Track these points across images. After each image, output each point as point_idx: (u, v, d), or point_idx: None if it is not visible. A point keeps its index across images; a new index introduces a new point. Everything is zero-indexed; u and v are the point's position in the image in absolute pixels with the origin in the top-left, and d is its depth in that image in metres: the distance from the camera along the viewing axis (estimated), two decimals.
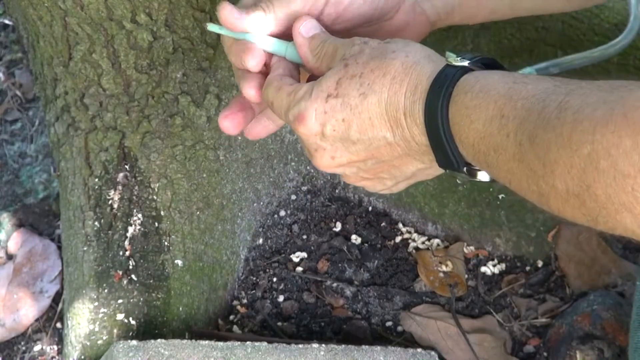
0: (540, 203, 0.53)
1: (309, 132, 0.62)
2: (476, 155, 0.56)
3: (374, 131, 0.60)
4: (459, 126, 0.56)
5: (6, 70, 1.51)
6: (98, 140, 1.10)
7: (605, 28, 1.07)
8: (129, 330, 1.03)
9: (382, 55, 0.61)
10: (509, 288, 1.15)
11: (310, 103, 0.62)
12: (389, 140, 0.60)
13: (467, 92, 0.56)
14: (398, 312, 1.12)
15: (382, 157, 0.62)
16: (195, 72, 1.09)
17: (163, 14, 1.03)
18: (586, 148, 0.46)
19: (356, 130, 0.60)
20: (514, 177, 0.53)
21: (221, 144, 1.12)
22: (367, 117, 0.60)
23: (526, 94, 0.53)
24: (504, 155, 0.53)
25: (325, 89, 0.61)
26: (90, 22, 1.02)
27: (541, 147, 0.50)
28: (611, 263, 1.13)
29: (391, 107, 0.59)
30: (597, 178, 0.46)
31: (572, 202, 0.49)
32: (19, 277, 1.23)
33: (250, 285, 1.16)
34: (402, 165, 0.63)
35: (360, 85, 0.60)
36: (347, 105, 0.60)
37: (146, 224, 1.07)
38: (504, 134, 0.53)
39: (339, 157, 0.63)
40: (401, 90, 0.59)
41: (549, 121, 0.49)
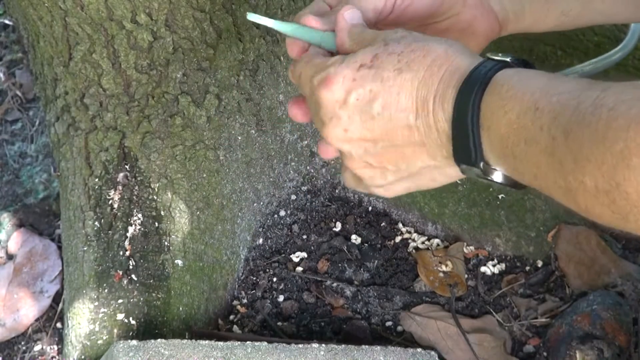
0: (566, 200, 0.53)
1: (332, 97, 0.61)
2: (504, 146, 0.56)
3: (398, 109, 0.60)
4: (492, 116, 0.56)
5: (6, 70, 1.51)
6: (98, 140, 1.10)
7: (605, 28, 1.07)
8: (129, 330, 1.03)
9: (425, 40, 0.61)
10: (508, 288, 1.15)
11: (341, 69, 0.62)
12: (410, 122, 0.60)
13: (504, 84, 0.56)
14: (398, 312, 1.13)
15: (395, 140, 0.61)
16: (195, 72, 1.09)
17: (163, 14, 1.03)
18: (619, 145, 0.47)
19: (380, 104, 0.60)
20: (540, 171, 0.53)
21: (221, 144, 1.12)
22: (395, 92, 0.59)
23: (562, 90, 0.53)
24: (534, 147, 0.53)
25: (359, 59, 0.61)
26: (90, 22, 1.02)
27: (575, 142, 0.50)
28: (611, 263, 1.13)
29: (424, 88, 0.59)
30: (628, 175, 0.46)
31: (601, 200, 0.49)
32: (19, 277, 1.23)
33: (250, 285, 1.16)
34: (412, 156, 0.62)
35: (398, 62, 0.60)
36: (379, 76, 0.60)
37: (146, 224, 1.07)
38: (537, 126, 0.53)
39: (351, 131, 0.62)
40: (438, 73, 0.59)
41: (584, 117, 0.50)
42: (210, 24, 1.07)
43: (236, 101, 1.13)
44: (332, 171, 1.23)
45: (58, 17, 1.03)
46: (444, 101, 0.58)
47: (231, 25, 1.09)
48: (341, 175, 0.69)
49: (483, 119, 0.56)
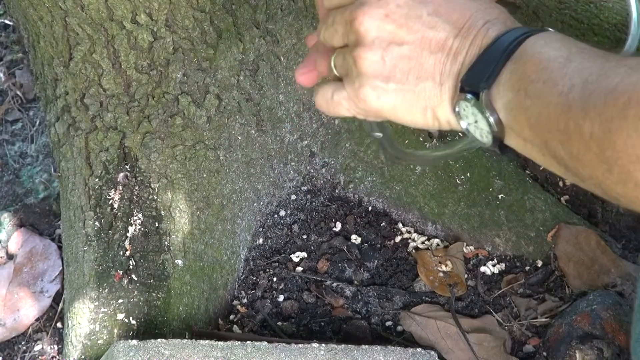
0: (559, 144, 0.54)
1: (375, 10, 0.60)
2: (521, 78, 0.56)
3: (448, 16, 0.60)
4: (526, 50, 0.57)
5: (7, 70, 1.51)
6: (98, 140, 1.10)
7: (605, 28, 1.07)
8: (129, 330, 1.03)
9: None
10: (508, 288, 1.15)
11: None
12: (453, 31, 0.60)
13: (544, 46, 0.57)
14: (398, 311, 1.13)
15: (423, 50, 0.60)
16: (195, 72, 1.09)
17: (163, 14, 1.03)
18: (624, 97, 0.49)
19: (432, 8, 0.60)
20: (545, 110, 0.54)
21: (221, 144, 1.12)
22: (452, 4, 0.60)
23: (594, 53, 0.56)
24: (550, 88, 0.54)
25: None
26: (90, 23, 1.02)
27: (589, 90, 0.52)
28: (610, 263, 1.13)
29: (478, 13, 0.60)
30: (621, 125, 0.49)
31: (593, 147, 0.51)
32: (19, 277, 1.23)
33: (250, 285, 1.16)
34: (423, 75, 0.61)
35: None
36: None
37: (146, 224, 1.07)
38: (562, 73, 0.55)
39: (391, 19, 0.60)
40: (491, 8, 0.60)
41: (607, 71, 0.52)
42: (210, 24, 1.07)
43: (236, 101, 1.13)
44: (332, 171, 1.23)
45: (58, 17, 1.03)
46: (488, 32, 0.59)
47: (231, 25, 1.09)
48: (334, 59, 0.65)
49: (519, 52, 0.57)
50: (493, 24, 0.59)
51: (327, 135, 1.21)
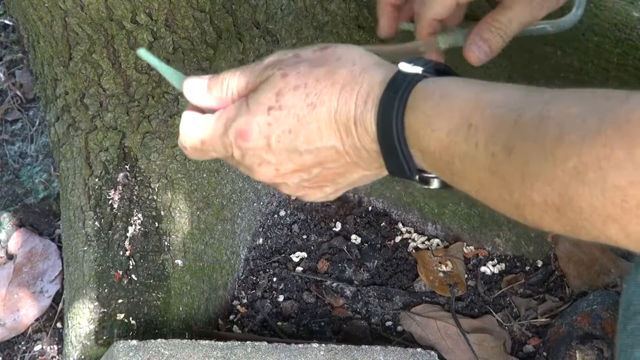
0: (512, 214, 0.51)
1: (255, 145, 0.60)
2: (437, 163, 0.54)
3: (323, 141, 0.58)
4: (419, 135, 0.54)
5: (6, 70, 1.51)
6: (98, 140, 1.10)
7: (605, 28, 1.07)
8: (129, 330, 1.03)
9: (326, 63, 0.59)
10: (508, 288, 1.15)
11: (251, 117, 0.60)
12: (338, 149, 0.59)
13: (427, 99, 0.54)
14: (398, 312, 1.13)
15: (328, 165, 0.61)
16: (195, 72, 1.09)
17: (163, 14, 1.03)
18: (572, 161, 0.45)
19: (303, 141, 0.59)
20: (483, 187, 0.52)
21: None
22: (315, 127, 0.58)
23: (496, 102, 0.51)
24: (472, 165, 0.51)
25: (264, 101, 0.59)
26: (90, 23, 1.02)
27: (519, 159, 0.48)
28: (610, 263, 1.13)
29: (341, 116, 0.57)
30: (582, 191, 0.45)
31: (551, 214, 0.48)
32: (19, 277, 1.23)
33: (250, 285, 1.16)
34: (347, 172, 0.61)
35: (307, 96, 0.58)
36: (294, 116, 0.58)
37: (146, 224, 1.07)
38: (472, 143, 0.51)
39: (283, 169, 0.61)
40: (352, 98, 0.57)
41: (528, 132, 0.48)
42: (210, 24, 1.07)
43: None
44: None
45: (58, 17, 1.03)
46: (365, 124, 0.57)
47: (231, 25, 1.09)
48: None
49: (409, 137, 0.55)
50: (363, 113, 0.57)
51: None
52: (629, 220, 0.44)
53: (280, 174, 0.62)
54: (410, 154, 0.56)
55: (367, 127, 0.57)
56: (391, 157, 0.57)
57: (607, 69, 1.06)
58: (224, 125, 0.62)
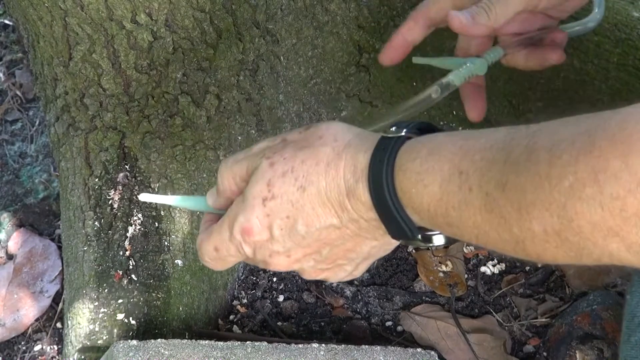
0: (514, 251, 0.51)
1: (260, 239, 0.61)
2: (433, 218, 0.55)
3: (320, 221, 0.59)
4: (411, 194, 0.55)
5: (6, 70, 1.51)
6: (98, 140, 1.10)
7: (605, 28, 1.07)
8: (129, 330, 1.03)
9: (309, 145, 0.60)
10: (508, 288, 1.15)
11: (249, 212, 0.61)
12: (337, 225, 0.59)
13: (415, 159, 0.55)
14: (398, 312, 1.13)
15: (334, 242, 0.61)
16: (195, 72, 1.09)
17: (163, 14, 1.03)
18: (568, 180, 0.46)
19: (302, 224, 0.59)
20: (481, 230, 0.52)
21: (221, 144, 1.12)
22: (310, 208, 0.59)
23: (482, 147, 0.52)
24: (467, 210, 0.52)
25: (257, 194, 0.60)
26: (90, 22, 1.02)
27: (514, 191, 0.48)
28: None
29: (332, 193, 0.58)
30: (581, 208, 0.45)
31: (552, 242, 0.48)
32: (19, 277, 1.23)
33: (250, 285, 1.16)
34: (356, 246, 0.62)
35: (296, 180, 0.59)
36: (287, 202, 0.59)
37: (146, 224, 1.07)
38: (465, 188, 0.52)
39: (294, 254, 0.62)
40: (339, 174, 0.58)
41: (519, 165, 0.48)
42: (210, 24, 1.07)
43: (236, 101, 1.13)
44: None
45: (58, 17, 1.03)
46: (358, 195, 0.57)
47: (231, 25, 1.09)
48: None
49: (403, 198, 0.55)
50: (353, 186, 0.58)
51: None
52: (629, 231, 0.44)
53: (293, 260, 0.63)
54: (407, 215, 0.56)
55: (360, 198, 0.57)
56: (390, 222, 0.57)
57: (607, 69, 1.06)
58: (229, 227, 0.63)
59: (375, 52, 1.15)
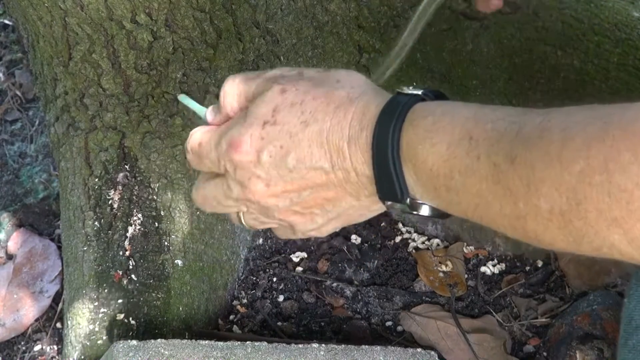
0: (512, 227, 0.51)
1: (244, 158, 0.60)
2: (434, 179, 0.54)
3: (312, 160, 0.59)
4: (417, 150, 0.54)
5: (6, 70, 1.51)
6: (98, 140, 1.10)
7: (605, 28, 1.07)
8: (129, 330, 1.03)
9: (325, 84, 0.59)
10: (508, 288, 1.15)
11: (245, 129, 0.60)
12: (327, 169, 0.59)
13: (428, 116, 0.55)
14: (398, 312, 1.12)
15: (317, 187, 0.61)
16: (195, 72, 1.09)
17: (163, 14, 1.03)
18: (579, 164, 0.46)
19: (294, 157, 0.59)
20: (482, 200, 0.51)
21: None
22: (306, 145, 0.58)
23: (495, 117, 0.52)
24: (472, 177, 0.51)
25: (260, 115, 0.60)
26: (90, 22, 1.02)
27: (523, 166, 0.48)
28: (611, 263, 1.13)
29: (334, 135, 0.58)
30: (590, 194, 0.45)
31: (555, 222, 0.48)
32: (19, 277, 1.23)
33: (250, 285, 1.16)
34: (336, 198, 0.61)
35: (302, 114, 0.58)
36: (286, 132, 0.58)
37: (146, 224, 1.07)
38: (473, 156, 0.51)
39: (273, 186, 0.61)
40: (346, 118, 0.57)
41: (530, 140, 0.48)
42: (210, 24, 1.07)
43: None
44: None
45: (58, 17, 1.03)
46: (358, 144, 0.57)
47: (231, 25, 1.09)
48: (272, 230, 0.68)
49: (405, 154, 0.55)
50: (357, 133, 0.57)
51: None
52: (633, 225, 0.44)
53: (271, 193, 0.61)
54: (404, 174, 0.56)
55: (361, 147, 0.57)
56: (383, 177, 0.56)
57: (607, 69, 1.06)
58: (220, 134, 0.63)
59: (375, 52, 1.15)
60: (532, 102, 1.09)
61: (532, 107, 0.52)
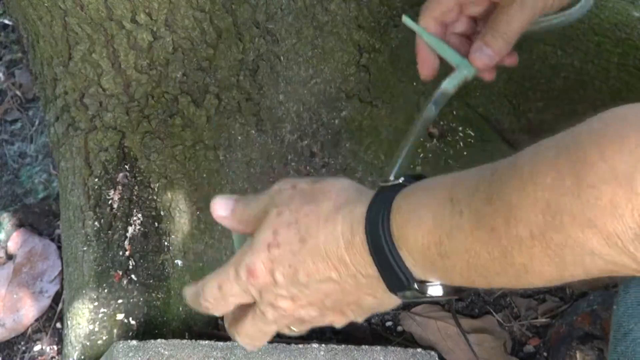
0: (502, 269, 0.52)
1: (263, 281, 0.62)
2: (427, 251, 0.56)
3: (320, 274, 0.61)
4: (406, 230, 0.56)
5: (6, 70, 1.51)
6: (98, 140, 1.10)
7: (605, 28, 1.07)
8: (129, 330, 1.03)
9: (313, 199, 0.62)
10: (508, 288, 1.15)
11: (255, 255, 0.63)
12: (335, 279, 0.61)
13: (410, 197, 0.57)
14: (398, 312, 1.12)
15: (335, 295, 0.63)
16: (195, 72, 1.09)
17: (163, 14, 1.03)
18: (549, 175, 0.47)
19: (303, 274, 0.61)
20: (471, 252, 0.53)
21: (221, 144, 1.12)
22: (310, 261, 0.61)
23: (472, 173, 0.54)
24: (459, 235, 0.53)
25: (264, 240, 0.62)
26: (90, 22, 1.02)
27: (500, 202, 0.50)
28: None
29: (330, 246, 0.60)
30: (563, 202, 0.46)
31: (538, 246, 0.49)
32: (19, 277, 1.23)
33: None
34: (358, 300, 0.63)
35: (298, 232, 0.61)
36: (289, 252, 0.61)
37: (146, 224, 1.07)
38: (456, 213, 0.53)
39: (298, 300, 0.63)
40: (336, 228, 0.60)
41: (504, 175, 0.50)
42: (210, 24, 1.07)
43: (236, 101, 1.13)
44: (332, 171, 1.23)
45: (58, 17, 1.03)
46: (355, 249, 0.59)
47: (231, 25, 1.09)
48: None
49: (399, 241, 0.57)
50: (350, 240, 0.59)
51: (327, 135, 1.21)
52: (605, 221, 0.45)
53: (298, 306, 0.64)
54: (403, 261, 0.57)
55: (358, 250, 0.59)
56: (385, 269, 0.58)
57: (607, 69, 1.06)
58: (234, 266, 0.65)
59: (375, 52, 1.15)
60: (532, 102, 1.09)
61: (531, 107, 0.53)
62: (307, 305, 0.63)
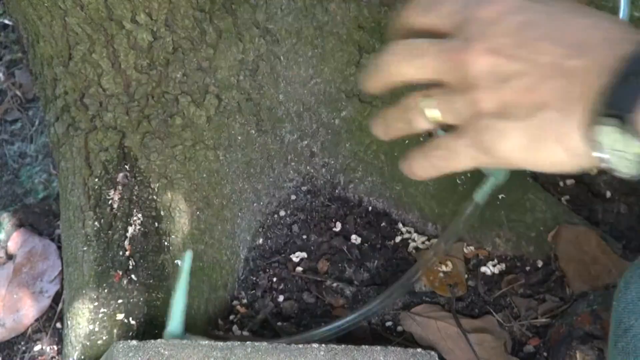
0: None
1: (492, 11, 0.55)
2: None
3: (556, 44, 0.53)
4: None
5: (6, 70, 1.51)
6: (98, 140, 1.10)
7: None
8: (129, 330, 1.03)
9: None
10: (508, 288, 1.15)
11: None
12: (563, 57, 0.53)
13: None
14: (398, 312, 1.12)
15: (540, 74, 0.54)
16: (195, 72, 1.09)
17: (163, 14, 1.03)
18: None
19: (540, 33, 0.54)
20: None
21: (221, 144, 1.12)
22: (561, 27, 0.54)
23: None
24: None
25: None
26: (90, 22, 1.02)
27: None
28: (611, 263, 1.13)
29: (594, 31, 0.53)
30: None
31: None
32: (18, 277, 1.23)
33: (250, 285, 1.16)
34: (543, 84, 0.54)
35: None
36: (544, 9, 0.55)
37: (146, 224, 1.07)
38: None
39: (502, 45, 0.55)
40: (612, 28, 0.53)
41: None
42: (210, 24, 1.07)
43: (236, 101, 1.13)
44: (332, 171, 1.23)
45: (58, 16, 1.03)
46: (614, 48, 0.51)
47: (231, 25, 1.09)
48: (432, 106, 0.58)
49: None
50: (615, 42, 0.51)
51: (327, 135, 1.21)
52: None
53: (498, 49, 0.55)
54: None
55: (615, 52, 0.51)
56: (624, 78, 0.49)
57: None
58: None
59: (375, 52, 1.15)
60: None
61: None
62: (504, 57, 0.54)
